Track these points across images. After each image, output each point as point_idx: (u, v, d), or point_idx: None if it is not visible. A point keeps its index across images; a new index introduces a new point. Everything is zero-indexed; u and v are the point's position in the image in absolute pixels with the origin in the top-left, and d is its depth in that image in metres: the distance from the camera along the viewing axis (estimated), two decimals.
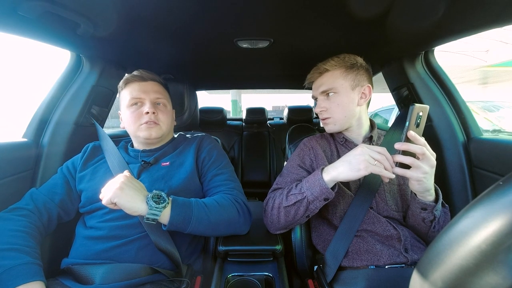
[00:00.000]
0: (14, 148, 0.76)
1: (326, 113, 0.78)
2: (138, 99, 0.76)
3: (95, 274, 0.60)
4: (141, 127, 0.75)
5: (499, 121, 2.77)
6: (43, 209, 0.68)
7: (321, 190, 0.64)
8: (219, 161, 0.82)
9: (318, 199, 0.65)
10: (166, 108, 0.80)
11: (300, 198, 0.66)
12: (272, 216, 0.73)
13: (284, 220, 0.71)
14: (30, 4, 0.55)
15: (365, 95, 0.77)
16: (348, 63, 0.76)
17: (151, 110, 0.74)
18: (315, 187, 0.64)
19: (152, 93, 0.77)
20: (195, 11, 0.63)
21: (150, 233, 0.66)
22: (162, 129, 0.77)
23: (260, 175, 2.04)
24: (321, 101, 0.79)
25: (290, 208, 0.68)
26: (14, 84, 35.09)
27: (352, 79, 0.75)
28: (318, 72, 0.79)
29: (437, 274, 0.26)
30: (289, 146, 1.05)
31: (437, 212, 0.65)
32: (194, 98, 1.05)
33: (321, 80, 0.79)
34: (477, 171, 0.84)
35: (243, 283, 0.67)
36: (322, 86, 0.78)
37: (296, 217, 0.69)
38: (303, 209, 0.67)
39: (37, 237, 0.63)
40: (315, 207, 0.67)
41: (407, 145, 0.56)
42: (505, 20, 0.64)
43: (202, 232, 0.66)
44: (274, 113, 7.20)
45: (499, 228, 0.21)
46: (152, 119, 0.74)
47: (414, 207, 0.67)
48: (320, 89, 0.79)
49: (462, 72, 8.28)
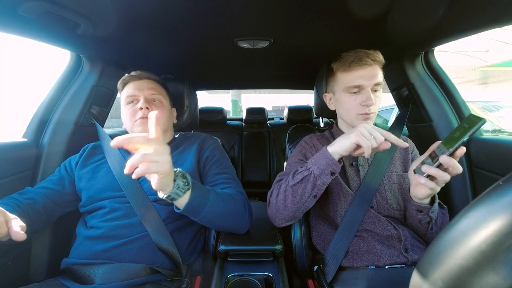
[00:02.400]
0: (14, 148, 0.76)
1: (374, 107, 0.73)
2: (133, 96, 0.78)
3: (95, 274, 0.60)
4: (136, 123, 0.76)
5: (499, 121, 2.77)
6: (33, 195, 0.69)
7: (327, 162, 0.62)
8: (222, 161, 0.82)
9: (324, 172, 0.62)
10: (162, 104, 0.81)
11: (306, 174, 0.64)
12: (278, 202, 0.69)
13: (291, 202, 0.67)
14: (30, 4, 0.55)
15: None
16: (383, 61, 0.75)
17: (145, 106, 0.75)
18: (321, 161, 0.63)
19: (146, 89, 0.79)
20: (195, 11, 0.63)
21: (151, 232, 0.66)
22: None
23: (260, 175, 2.04)
24: (370, 93, 0.72)
25: (297, 186, 0.65)
26: (14, 84, 35.00)
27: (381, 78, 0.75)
28: (370, 60, 0.72)
29: (437, 274, 0.26)
30: (289, 146, 1.05)
31: (433, 214, 0.64)
32: (194, 98, 1.05)
33: (373, 70, 0.72)
34: (477, 171, 0.84)
35: (243, 283, 0.67)
36: (376, 77, 0.72)
37: (303, 197, 0.65)
38: (310, 186, 0.64)
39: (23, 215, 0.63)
40: (322, 183, 0.64)
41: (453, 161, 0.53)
42: (505, 20, 0.64)
43: (211, 221, 0.66)
44: (274, 113, 7.19)
45: (499, 228, 0.21)
46: (146, 115, 0.74)
47: (410, 209, 0.67)
48: (375, 79, 0.72)
49: (462, 72, 8.28)
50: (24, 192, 0.70)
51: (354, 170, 0.78)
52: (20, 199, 0.66)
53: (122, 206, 0.69)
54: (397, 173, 0.76)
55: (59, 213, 0.75)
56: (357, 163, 0.78)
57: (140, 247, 0.65)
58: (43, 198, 0.70)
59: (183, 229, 0.72)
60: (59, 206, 0.74)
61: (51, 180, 0.76)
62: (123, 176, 0.73)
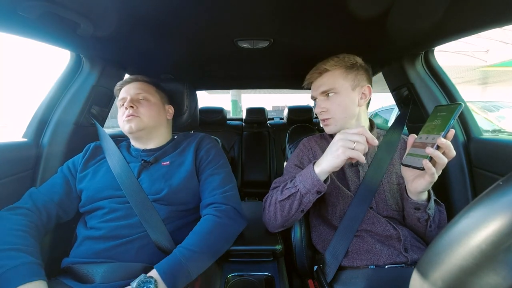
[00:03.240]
0: (14, 148, 0.76)
1: (326, 114, 0.78)
2: (122, 99, 0.81)
3: (95, 273, 0.60)
4: (123, 122, 0.77)
5: (499, 121, 2.77)
6: (42, 208, 0.68)
7: (313, 183, 0.63)
8: (216, 160, 0.82)
9: (310, 192, 0.64)
10: (148, 102, 0.81)
11: (293, 191, 0.67)
12: (270, 212, 0.73)
13: (280, 216, 0.71)
14: (30, 4, 0.55)
15: (365, 96, 0.77)
16: (348, 63, 0.75)
17: (129, 105, 0.77)
18: (307, 180, 0.65)
19: (132, 89, 0.81)
20: (195, 11, 0.63)
21: (150, 232, 0.66)
22: (143, 121, 0.78)
23: (260, 175, 2.04)
24: (321, 102, 0.78)
25: (285, 202, 0.69)
26: (14, 84, 35.09)
27: (352, 79, 0.75)
28: (317, 72, 0.78)
29: (437, 274, 0.26)
30: (289, 146, 1.05)
31: (430, 211, 0.65)
32: (194, 98, 1.05)
33: (321, 80, 0.78)
34: (477, 171, 0.84)
35: (243, 283, 0.67)
36: (322, 86, 0.77)
37: (290, 212, 0.69)
38: (297, 203, 0.67)
39: (37, 236, 0.63)
40: (308, 201, 0.66)
41: (448, 143, 0.54)
42: (505, 20, 0.64)
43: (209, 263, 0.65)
44: (274, 113, 7.20)
45: (499, 228, 0.21)
46: (130, 113, 0.76)
47: (408, 208, 0.67)
48: (320, 89, 0.78)
49: (462, 72, 8.28)
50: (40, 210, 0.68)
51: (354, 171, 0.78)
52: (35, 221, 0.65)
53: (121, 206, 0.70)
54: (396, 174, 0.76)
55: (65, 220, 0.75)
56: (357, 164, 0.78)
57: (140, 247, 0.65)
58: (56, 209, 0.71)
59: (183, 228, 0.72)
60: (67, 214, 0.74)
61: (57, 186, 0.74)
62: (122, 176, 0.73)
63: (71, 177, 0.76)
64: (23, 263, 0.53)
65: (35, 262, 0.55)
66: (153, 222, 0.68)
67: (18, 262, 0.53)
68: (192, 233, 0.66)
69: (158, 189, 0.72)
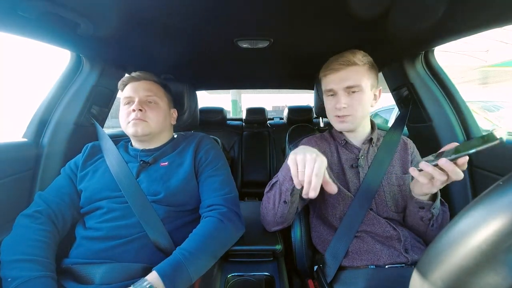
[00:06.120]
0: (14, 148, 0.76)
1: (347, 110, 0.72)
2: (129, 98, 0.78)
3: (95, 273, 0.60)
4: (129, 124, 0.75)
5: (499, 121, 2.77)
6: (58, 213, 0.69)
7: (288, 170, 0.62)
8: (215, 162, 0.81)
9: (286, 179, 0.65)
10: (157, 106, 0.80)
11: (274, 181, 0.70)
12: (263, 209, 0.75)
13: (267, 208, 0.72)
14: (30, 4, 0.55)
15: (375, 97, 0.77)
16: (371, 61, 0.74)
17: (137, 107, 0.74)
18: (284, 168, 0.67)
19: (141, 91, 0.78)
20: (195, 11, 0.63)
21: (149, 232, 0.66)
22: (150, 126, 0.76)
23: (260, 175, 2.04)
24: (343, 97, 0.72)
25: (270, 193, 0.71)
26: (14, 84, 34.97)
27: (373, 78, 0.74)
28: (345, 63, 0.71)
29: (437, 274, 0.26)
30: (289, 146, 1.05)
31: (434, 211, 0.65)
32: (194, 98, 1.05)
33: (347, 73, 0.71)
34: (477, 171, 0.84)
35: (243, 283, 0.67)
36: (348, 80, 0.71)
37: (275, 203, 0.69)
38: (278, 192, 0.68)
39: (54, 246, 0.65)
40: (286, 189, 0.65)
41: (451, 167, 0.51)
42: (505, 20, 0.64)
43: (209, 266, 0.65)
44: (274, 113, 7.20)
45: (499, 228, 0.21)
46: (138, 116, 0.74)
47: (412, 207, 0.67)
48: (345, 83, 0.71)
49: (462, 72, 8.27)
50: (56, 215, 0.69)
51: (354, 172, 0.78)
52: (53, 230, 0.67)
53: (120, 206, 0.69)
54: (396, 175, 0.76)
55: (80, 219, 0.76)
56: (357, 165, 0.78)
57: (139, 247, 0.65)
58: (71, 210, 0.72)
59: (182, 228, 0.72)
60: (73, 219, 0.74)
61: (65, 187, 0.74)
62: (121, 176, 0.72)
63: (74, 177, 0.76)
64: (39, 276, 0.55)
65: (49, 276, 0.58)
66: (152, 222, 0.67)
67: (35, 274, 0.55)
68: (193, 235, 0.66)
69: (156, 191, 0.72)
